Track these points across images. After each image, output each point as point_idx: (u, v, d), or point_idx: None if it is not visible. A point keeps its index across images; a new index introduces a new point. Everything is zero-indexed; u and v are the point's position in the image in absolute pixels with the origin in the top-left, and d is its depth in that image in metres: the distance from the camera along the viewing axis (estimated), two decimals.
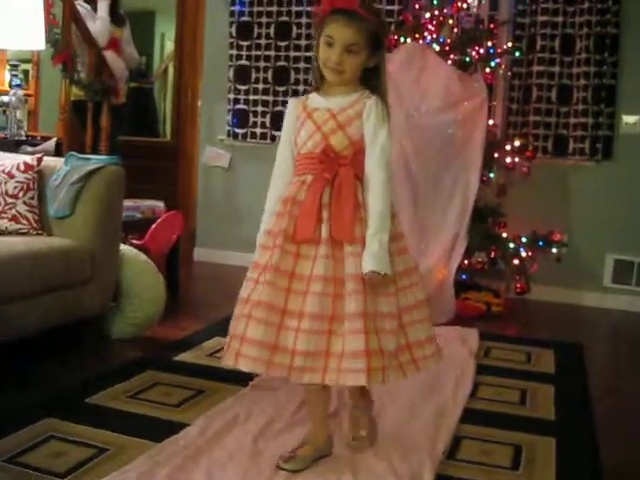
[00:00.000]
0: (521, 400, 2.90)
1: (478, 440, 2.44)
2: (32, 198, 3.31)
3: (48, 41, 4.44)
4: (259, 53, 5.61)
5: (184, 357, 3.21)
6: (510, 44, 4.85)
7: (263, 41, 5.59)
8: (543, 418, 2.71)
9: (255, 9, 5.59)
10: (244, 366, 2.00)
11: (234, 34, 5.67)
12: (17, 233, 3.20)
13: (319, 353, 1.95)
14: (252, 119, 5.65)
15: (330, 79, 2.10)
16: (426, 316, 2.16)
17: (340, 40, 2.03)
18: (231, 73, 5.70)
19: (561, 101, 4.93)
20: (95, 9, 5.03)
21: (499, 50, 4.69)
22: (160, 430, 2.34)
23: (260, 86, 5.62)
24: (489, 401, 2.85)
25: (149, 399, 2.65)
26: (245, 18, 5.63)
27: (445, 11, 4.69)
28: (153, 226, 4.12)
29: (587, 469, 2.31)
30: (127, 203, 3.66)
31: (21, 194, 3.28)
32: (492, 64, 4.65)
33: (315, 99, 2.15)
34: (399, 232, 2.14)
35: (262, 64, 5.59)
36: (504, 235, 4.60)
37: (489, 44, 4.64)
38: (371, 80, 2.14)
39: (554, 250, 4.61)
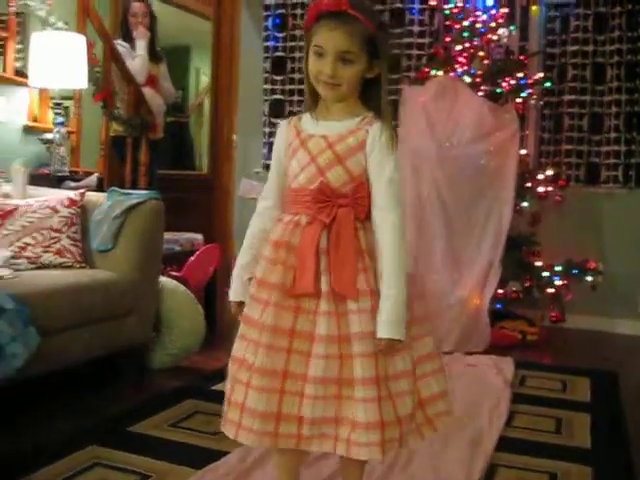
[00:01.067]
0: (557, 429, 2.91)
1: (514, 468, 2.46)
2: (76, 232, 3.41)
3: (89, 79, 4.59)
4: (293, 87, 5.72)
5: (223, 387, 3.23)
6: (541, 74, 4.91)
7: (297, 75, 5.69)
8: (579, 446, 2.71)
9: (288, 44, 5.72)
10: (247, 441, 1.75)
11: (268, 69, 5.79)
12: (61, 266, 3.30)
13: (328, 420, 1.71)
14: None
15: (324, 95, 1.81)
16: (440, 367, 1.87)
17: (331, 48, 1.74)
18: (266, 107, 5.81)
19: (593, 129, 4.97)
20: (134, 47, 5.19)
21: (530, 81, 4.74)
22: (200, 457, 2.40)
23: None
24: (525, 429, 2.87)
25: (189, 427, 2.72)
26: (279, 53, 5.75)
27: (475, 43, 4.75)
28: (191, 258, 4.21)
29: None
30: (166, 236, 3.74)
31: (65, 228, 3.38)
32: (523, 95, 4.70)
33: (309, 122, 1.85)
34: (413, 274, 1.85)
35: (296, 98, 5.70)
36: (538, 264, 4.61)
37: (520, 75, 4.70)
38: (371, 95, 1.83)
39: (589, 278, 4.61)
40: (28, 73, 4.53)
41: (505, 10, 4.78)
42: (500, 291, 4.48)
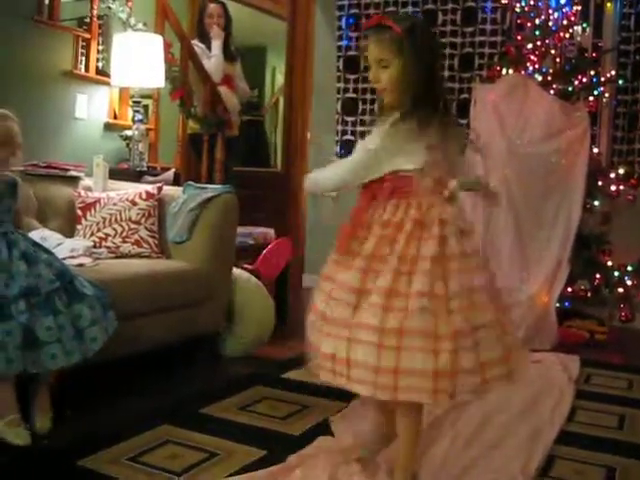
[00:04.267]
0: (619, 425, 2.91)
1: (572, 461, 2.47)
2: (153, 224, 3.58)
3: (167, 78, 4.76)
4: (366, 86, 5.78)
5: (290, 375, 3.36)
6: (614, 72, 4.86)
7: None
8: None
9: (361, 43, 5.79)
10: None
11: (341, 68, 5.89)
12: (139, 256, 3.46)
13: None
14: None
15: (385, 101, 2.07)
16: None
17: (371, 57, 2.02)
18: (339, 105, 5.91)
19: None
20: (209, 47, 5.33)
21: (603, 79, 4.71)
22: (266, 439, 2.50)
23: (367, 117, 5.79)
24: (586, 425, 2.87)
25: (257, 411, 2.82)
26: (352, 52, 5.84)
27: (547, 41, 4.73)
28: (264, 251, 4.32)
29: None
30: (240, 230, 3.86)
31: (143, 220, 3.55)
32: (595, 93, 4.67)
33: None
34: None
35: (369, 96, 5.77)
36: (609, 263, 4.57)
37: (592, 73, 4.66)
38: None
39: None
40: (109, 72, 4.74)
41: (578, 7, 4.75)
42: (569, 289, 4.46)
